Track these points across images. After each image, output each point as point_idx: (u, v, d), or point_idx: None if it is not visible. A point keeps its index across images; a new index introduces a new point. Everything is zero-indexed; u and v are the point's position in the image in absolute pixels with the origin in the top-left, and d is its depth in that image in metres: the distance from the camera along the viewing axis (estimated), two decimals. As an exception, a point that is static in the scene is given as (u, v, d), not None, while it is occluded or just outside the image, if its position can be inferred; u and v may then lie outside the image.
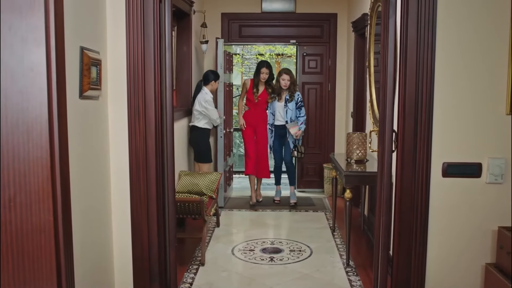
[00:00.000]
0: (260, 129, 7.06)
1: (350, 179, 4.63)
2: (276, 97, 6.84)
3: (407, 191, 2.96)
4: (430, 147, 2.92)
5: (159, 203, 3.08)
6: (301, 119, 6.77)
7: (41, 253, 2.34)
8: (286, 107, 6.76)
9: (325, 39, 7.54)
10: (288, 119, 6.76)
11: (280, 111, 6.84)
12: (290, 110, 6.75)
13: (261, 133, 7.06)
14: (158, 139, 3.04)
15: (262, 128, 7.05)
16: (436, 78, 2.88)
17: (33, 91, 2.25)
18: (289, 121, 6.75)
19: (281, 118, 6.85)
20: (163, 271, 3.16)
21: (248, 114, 7.06)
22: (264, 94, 6.91)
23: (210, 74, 6.25)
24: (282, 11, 7.47)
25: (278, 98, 6.84)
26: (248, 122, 7.03)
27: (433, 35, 2.84)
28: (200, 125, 6.19)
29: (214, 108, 6.28)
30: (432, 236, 2.98)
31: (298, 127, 6.75)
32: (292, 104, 6.74)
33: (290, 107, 6.75)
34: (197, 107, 6.16)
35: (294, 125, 6.74)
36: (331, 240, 5.50)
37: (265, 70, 6.76)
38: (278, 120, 6.90)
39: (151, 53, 2.95)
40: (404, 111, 2.92)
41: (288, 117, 6.75)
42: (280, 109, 6.83)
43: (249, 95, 6.98)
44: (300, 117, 6.77)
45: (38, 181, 2.30)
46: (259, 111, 7.02)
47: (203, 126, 6.20)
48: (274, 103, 6.87)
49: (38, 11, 2.22)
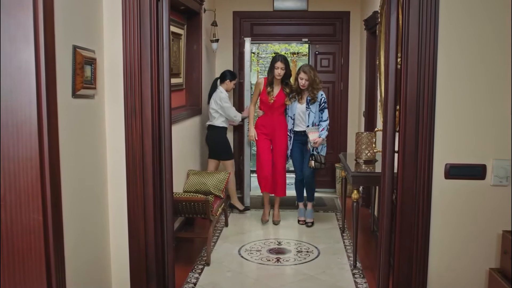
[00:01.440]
0: (278, 138, 5.98)
1: (357, 180, 4.56)
2: (296, 97, 5.87)
3: (408, 193, 2.88)
4: (432, 148, 2.83)
5: (156, 203, 3.05)
6: (323, 124, 5.76)
7: (31, 253, 2.33)
8: (309, 110, 5.77)
9: (337, 37, 7.45)
10: (310, 124, 5.78)
11: (301, 115, 5.86)
12: (313, 113, 5.77)
13: (279, 142, 5.98)
14: (155, 138, 3.01)
15: (280, 136, 5.97)
16: (439, 76, 2.79)
17: (22, 90, 2.24)
18: (311, 125, 5.80)
19: (303, 122, 5.85)
20: (160, 271, 3.13)
21: (263, 119, 6.07)
22: (281, 95, 5.91)
23: (227, 74, 6.33)
24: (294, 9, 7.39)
25: (298, 98, 5.87)
26: (263, 129, 6.03)
27: (435, 32, 2.76)
28: (218, 123, 6.24)
29: (231, 105, 6.32)
30: (434, 240, 2.90)
31: (318, 134, 5.73)
32: (315, 106, 5.77)
33: (312, 110, 5.77)
34: (213, 105, 6.23)
35: (315, 130, 5.75)
36: (340, 241, 5.43)
37: (280, 65, 5.79)
38: (298, 126, 5.90)
39: (147, 52, 2.92)
40: (405, 110, 2.84)
41: (311, 122, 5.76)
42: (301, 112, 5.85)
43: (263, 96, 5.94)
44: (322, 122, 5.77)
45: (27, 181, 2.29)
46: (276, 115, 5.98)
47: (220, 125, 6.26)
48: (294, 105, 5.89)
49: (26, 9, 2.20)
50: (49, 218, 2.32)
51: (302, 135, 5.90)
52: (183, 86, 6.27)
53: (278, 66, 5.82)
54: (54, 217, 2.34)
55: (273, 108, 5.94)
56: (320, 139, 5.72)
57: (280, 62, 5.82)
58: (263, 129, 6.04)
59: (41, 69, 2.23)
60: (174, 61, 5.79)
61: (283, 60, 5.85)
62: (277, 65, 5.83)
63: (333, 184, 7.63)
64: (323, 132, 5.76)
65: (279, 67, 5.82)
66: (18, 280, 2.34)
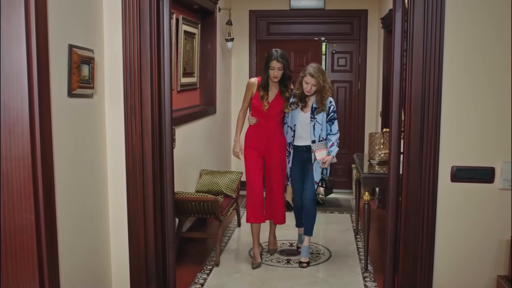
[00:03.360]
0: (273, 154, 4.68)
1: (369, 181, 4.46)
2: (298, 104, 4.60)
3: (413, 196, 2.80)
4: (437, 149, 2.74)
5: (156, 203, 3.03)
6: (332, 138, 4.58)
7: (24, 252, 2.33)
8: (314, 120, 4.54)
9: (355, 36, 7.34)
10: (316, 138, 4.55)
11: (303, 125, 4.59)
12: (319, 125, 4.53)
13: (275, 159, 4.68)
14: (156, 138, 2.99)
15: (276, 151, 4.68)
16: (444, 75, 2.70)
17: (14, 89, 2.23)
18: (317, 140, 4.56)
19: (305, 135, 4.60)
20: (160, 272, 3.10)
21: (255, 129, 4.67)
22: (278, 100, 4.59)
23: None
24: (311, 8, 7.32)
25: (301, 105, 4.60)
26: (254, 143, 4.66)
27: (441, 30, 2.67)
28: None
29: None
30: (440, 246, 2.80)
31: (327, 151, 4.58)
32: (322, 116, 4.54)
33: (319, 120, 4.54)
34: None
35: (322, 147, 4.56)
36: (353, 244, 5.33)
37: (276, 64, 4.43)
38: (300, 139, 4.64)
39: (147, 52, 2.89)
40: (410, 109, 2.75)
41: (316, 135, 4.54)
42: (304, 122, 4.58)
43: (255, 101, 4.60)
44: (331, 135, 4.59)
45: (20, 180, 2.28)
46: (272, 125, 4.63)
47: None
48: (295, 114, 4.61)
49: (18, 9, 2.19)
50: (42, 218, 2.31)
51: (304, 151, 4.65)
52: (197, 85, 6.25)
53: (274, 66, 4.45)
54: (46, 217, 2.33)
55: (268, 117, 4.61)
56: (330, 158, 4.56)
57: (276, 61, 4.44)
58: (255, 143, 4.67)
59: (33, 68, 2.22)
60: (187, 61, 5.77)
61: (280, 57, 4.47)
62: (273, 65, 4.46)
63: (349, 185, 7.53)
64: (333, 148, 4.57)
65: (275, 67, 4.45)
66: (12, 279, 2.34)
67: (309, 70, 4.49)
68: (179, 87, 5.50)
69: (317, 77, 4.44)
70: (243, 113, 4.78)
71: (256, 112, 4.67)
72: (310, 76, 4.46)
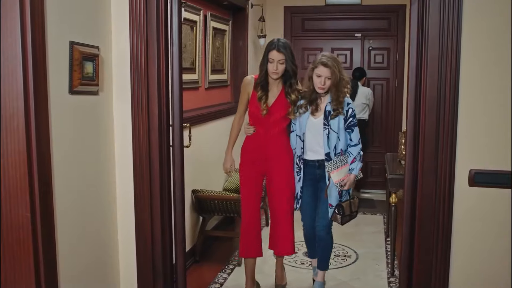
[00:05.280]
0: (276, 169, 3.71)
1: (395, 183, 4.28)
2: (307, 106, 3.62)
3: (427, 200, 2.63)
4: (454, 151, 2.56)
5: (164, 201, 2.98)
6: (353, 150, 3.60)
7: (20, 249, 2.33)
8: (328, 128, 3.55)
9: (392, 32, 7.10)
10: (331, 150, 3.57)
11: (314, 134, 3.61)
12: (335, 133, 3.54)
13: (278, 175, 3.71)
14: (163, 135, 2.94)
15: (280, 166, 3.70)
16: (462, 72, 2.52)
17: (10, 84, 2.23)
18: (333, 154, 3.57)
19: (317, 146, 3.62)
20: (168, 271, 3.06)
21: (252, 141, 3.73)
22: (280, 103, 3.63)
23: (363, 72, 6.88)
24: (347, 4, 7.14)
25: (311, 108, 3.62)
26: (251, 156, 3.72)
27: (458, 22, 2.48)
28: (365, 116, 6.80)
29: None
30: (456, 255, 2.62)
31: (347, 168, 3.59)
32: (338, 122, 3.55)
33: (334, 128, 3.54)
34: (363, 101, 6.72)
35: (340, 164, 3.56)
36: (382, 246, 5.15)
37: (277, 56, 3.45)
38: (311, 151, 3.65)
39: (154, 49, 2.85)
40: (425, 108, 2.58)
41: (332, 146, 3.56)
42: (315, 130, 3.60)
43: (251, 104, 3.67)
44: (351, 147, 3.61)
45: (16, 176, 2.28)
46: (273, 135, 3.66)
47: (365, 117, 6.82)
48: (304, 119, 3.62)
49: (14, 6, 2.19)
50: (38, 215, 2.30)
51: (317, 166, 3.65)
52: (227, 82, 6.20)
53: (274, 58, 3.47)
54: (43, 214, 2.32)
55: (268, 124, 3.63)
56: (352, 177, 3.61)
57: (276, 51, 3.45)
58: (252, 157, 3.72)
59: (28, 64, 2.22)
60: (217, 58, 5.73)
61: (282, 47, 3.47)
62: (272, 56, 3.48)
63: (384, 185, 7.30)
64: (356, 164, 3.60)
65: (274, 60, 3.47)
66: (9, 275, 2.35)
67: (321, 59, 3.50)
68: (207, 84, 5.46)
69: (332, 66, 3.45)
70: (238, 120, 3.80)
71: (254, 118, 3.68)
72: (323, 66, 3.46)
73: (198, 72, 5.18)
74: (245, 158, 3.76)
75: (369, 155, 7.21)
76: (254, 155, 3.71)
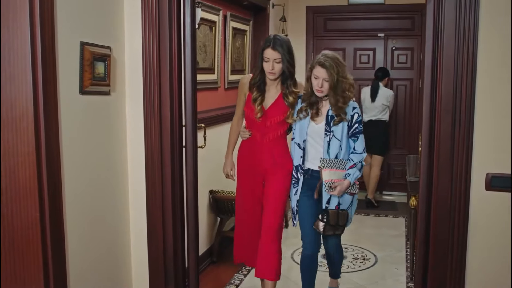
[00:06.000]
0: (273, 178, 3.33)
1: (414, 185, 4.18)
2: (307, 110, 3.23)
3: (442, 204, 2.56)
4: (470, 153, 2.48)
5: (175, 203, 2.98)
6: (354, 157, 3.21)
7: (30, 248, 2.35)
8: (329, 134, 3.17)
9: (416, 31, 6.96)
10: (332, 157, 3.18)
11: (315, 141, 3.24)
12: (337, 140, 3.16)
13: (270, 186, 3.33)
14: (175, 137, 2.94)
15: (277, 175, 3.32)
16: (479, 70, 2.44)
17: (19, 84, 2.25)
18: (333, 159, 3.19)
19: (318, 154, 3.23)
20: (180, 273, 3.05)
21: (247, 147, 3.41)
22: (278, 106, 3.29)
23: (385, 72, 6.61)
24: (370, 3, 7.04)
25: (312, 112, 3.23)
26: (247, 163, 3.41)
27: (475, 17, 2.40)
28: (385, 117, 6.51)
29: None
30: (471, 262, 2.53)
31: (343, 173, 3.18)
32: (342, 128, 3.17)
33: (337, 134, 3.16)
34: (383, 102, 6.43)
35: (336, 166, 3.18)
36: (402, 250, 5.05)
37: (272, 54, 3.13)
38: (313, 160, 3.25)
39: (166, 50, 2.86)
40: (440, 108, 2.51)
41: (332, 154, 3.18)
42: (316, 136, 3.23)
43: (247, 107, 3.36)
44: (354, 154, 3.21)
45: (26, 177, 2.30)
46: (270, 140, 3.31)
47: (385, 118, 6.53)
48: (304, 124, 3.24)
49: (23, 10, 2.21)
50: (47, 215, 2.32)
51: (317, 177, 3.26)
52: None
53: (269, 57, 3.14)
54: (51, 214, 2.33)
55: (264, 129, 3.29)
56: (346, 183, 3.17)
57: (271, 49, 3.13)
58: (247, 164, 3.40)
59: (37, 64, 2.23)
60: (237, 58, 5.72)
61: (278, 45, 3.13)
62: (267, 55, 3.15)
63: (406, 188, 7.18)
64: (353, 171, 3.19)
65: (270, 59, 3.14)
66: (19, 274, 2.37)
67: (319, 58, 3.12)
68: (226, 85, 5.45)
69: (330, 67, 3.06)
70: (236, 123, 3.53)
71: (249, 122, 3.37)
72: (320, 67, 3.08)
73: (217, 73, 5.17)
74: (241, 165, 3.46)
75: (392, 156, 7.12)
76: (249, 162, 3.38)
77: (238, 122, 3.53)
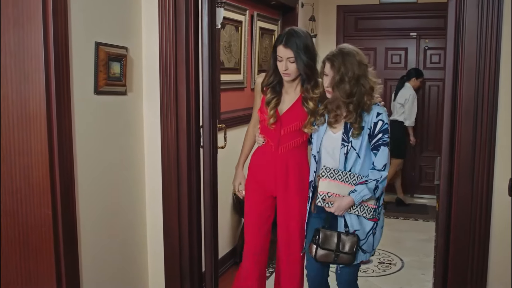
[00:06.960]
0: (288, 194, 2.88)
1: (441, 189, 4.06)
2: (324, 117, 2.69)
3: (463, 210, 2.46)
4: (492, 158, 2.38)
5: (191, 202, 2.96)
6: (372, 174, 2.58)
7: (43, 246, 2.37)
8: (347, 145, 2.60)
9: (450, 30, 6.78)
10: (347, 169, 2.61)
11: (330, 152, 2.68)
12: (355, 152, 2.60)
13: (289, 202, 2.88)
14: (192, 137, 2.92)
15: (292, 191, 2.87)
16: (502, 71, 2.34)
17: (33, 83, 2.28)
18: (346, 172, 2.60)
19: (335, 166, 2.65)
20: (196, 274, 3.04)
21: (260, 155, 2.97)
22: (296, 111, 2.83)
23: (412, 71, 6.46)
24: (402, 2, 6.89)
25: (328, 119, 2.68)
26: (258, 174, 2.96)
27: (499, 15, 2.31)
28: (400, 118, 6.35)
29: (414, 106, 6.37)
30: (493, 272, 2.43)
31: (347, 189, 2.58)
32: (362, 139, 2.59)
33: (355, 145, 2.59)
34: (399, 100, 6.35)
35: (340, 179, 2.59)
36: (430, 255, 4.91)
37: (284, 52, 2.69)
38: (330, 174, 2.60)
39: (183, 50, 2.84)
40: (461, 110, 2.42)
41: (347, 167, 2.61)
42: (332, 147, 2.67)
43: (261, 111, 2.93)
44: (375, 170, 2.58)
45: (39, 175, 2.33)
46: (286, 150, 2.86)
47: (401, 119, 6.36)
48: (321, 133, 2.71)
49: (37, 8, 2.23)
50: (59, 213, 2.34)
51: None
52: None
53: (282, 56, 2.71)
54: (64, 212, 2.35)
55: (279, 137, 2.85)
56: (345, 202, 2.57)
57: (283, 47, 2.69)
58: (259, 175, 2.96)
59: (50, 63, 2.25)
60: (264, 58, 5.68)
61: (292, 41, 2.68)
62: (279, 53, 2.72)
63: (440, 191, 7.00)
64: (360, 188, 2.56)
65: (283, 58, 2.71)
66: (33, 270, 2.40)
67: (329, 56, 2.57)
68: (253, 85, 5.41)
69: (337, 62, 2.51)
70: (252, 129, 3.08)
71: (262, 128, 2.92)
72: (328, 60, 2.56)
73: (244, 73, 5.14)
74: (251, 176, 2.99)
75: (423, 159, 6.99)
76: (261, 174, 2.92)
77: (254, 128, 3.05)
